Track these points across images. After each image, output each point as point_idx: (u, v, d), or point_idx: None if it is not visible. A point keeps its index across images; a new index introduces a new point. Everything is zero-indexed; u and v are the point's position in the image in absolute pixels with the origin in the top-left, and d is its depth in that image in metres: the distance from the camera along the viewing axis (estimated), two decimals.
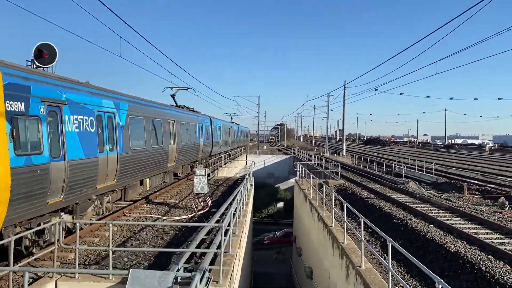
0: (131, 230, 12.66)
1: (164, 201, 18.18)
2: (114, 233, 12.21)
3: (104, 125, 11.96)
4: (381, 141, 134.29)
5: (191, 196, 19.04)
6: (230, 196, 15.18)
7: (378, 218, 17.05)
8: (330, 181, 27.93)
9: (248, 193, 20.48)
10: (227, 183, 25.83)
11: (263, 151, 68.87)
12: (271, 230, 42.94)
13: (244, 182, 17.93)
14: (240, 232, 12.43)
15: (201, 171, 16.45)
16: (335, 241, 12.83)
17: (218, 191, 22.11)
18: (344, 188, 25.42)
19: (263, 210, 46.65)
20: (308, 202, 20.77)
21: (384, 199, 20.92)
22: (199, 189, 16.26)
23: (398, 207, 18.53)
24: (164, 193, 20.27)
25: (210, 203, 16.82)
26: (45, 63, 12.27)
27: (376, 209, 18.57)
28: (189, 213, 15.69)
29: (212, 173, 29.17)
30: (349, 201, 20.46)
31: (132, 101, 14.80)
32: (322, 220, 15.66)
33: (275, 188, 53.99)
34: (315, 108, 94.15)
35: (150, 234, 12.37)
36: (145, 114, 15.81)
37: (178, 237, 12.16)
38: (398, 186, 25.75)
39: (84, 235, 11.69)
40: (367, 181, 29.75)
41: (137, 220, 14.35)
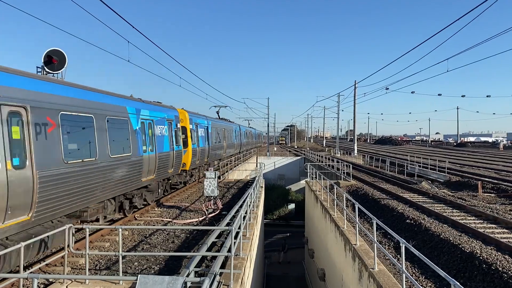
0: (142, 234, 12.65)
1: (175, 204, 18.18)
2: (125, 237, 12.20)
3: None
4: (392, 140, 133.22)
5: (202, 199, 19.01)
6: (241, 199, 15.11)
7: (391, 219, 16.83)
8: (341, 182, 27.71)
9: (259, 195, 20.38)
10: (237, 185, 25.77)
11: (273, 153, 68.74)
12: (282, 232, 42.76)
13: (254, 184, 17.85)
14: (251, 234, 12.34)
15: (211, 173, 16.40)
16: (347, 242, 12.68)
17: (229, 194, 22.05)
18: (355, 189, 25.19)
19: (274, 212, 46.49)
20: (319, 204, 20.61)
21: (397, 199, 20.68)
22: (209, 192, 16.21)
23: (411, 207, 18.30)
24: (175, 196, 20.28)
25: (220, 206, 16.76)
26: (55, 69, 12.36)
27: (388, 209, 18.35)
28: (200, 216, 15.65)
29: (222, 176, 29.14)
30: (361, 202, 20.26)
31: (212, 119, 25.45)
32: (334, 222, 15.51)
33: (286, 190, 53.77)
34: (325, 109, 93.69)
35: (161, 237, 12.34)
36: (215, 126, 27.64)
37: (188, 240, 12.12)
38: (410, 185, 25.45)
39: (95, 240, 11.70)
40: (379, 181, 29.46)
41: (148, 224, 14.35)
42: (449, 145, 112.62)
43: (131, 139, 13.34)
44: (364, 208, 12.76)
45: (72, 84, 10.70)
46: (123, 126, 12.97)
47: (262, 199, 22.30)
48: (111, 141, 11.91)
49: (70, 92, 10.22)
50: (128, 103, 13.76)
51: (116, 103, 12.84)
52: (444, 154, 65.52)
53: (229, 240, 8.54)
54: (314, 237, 23.96)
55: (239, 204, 14.13)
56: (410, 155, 50.10)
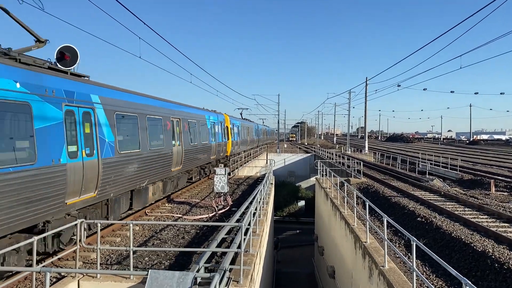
0: (153, 230, 12.76)
1: (186, 200, 18.29)
2: (136, 233, 12.31)
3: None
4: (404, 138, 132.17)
5: (212, 195, 19.10)
6: (251, 195, 15.14)
7: (402, 217, 16.74)
8: (352, 179, 27.60)
9: (269, 192, 20.41)
10: (247, 182, 25.82)
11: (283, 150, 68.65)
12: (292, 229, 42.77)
13: (264, 181, 17.87)
14: (261, 231, 12.37)
15: (221, 170, 16.46)
16: (358, 240, 12.64)
17: (239, 190, 22.11)
18: (366, 187, 25.07)
19: (284, 209, 46.51)
20: (329, 201, 20.57)
21: (408, 197, 20.56)
22: (219, 188, 16.28)
23: (422, 205, 18.18)
24: (185, 192, 20.39)
25: (230, 202, 16.82)
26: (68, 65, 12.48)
27: (399, 207, 18.25)
28: (210, 212, 15.73)
29: (232, 172, 29.22)
30: (372, 200, 20.17)
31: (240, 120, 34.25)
32: (344, 219, 15.47)
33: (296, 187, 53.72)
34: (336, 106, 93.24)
35: (171, 233, 12.43)
36: (242, 125, 36.18)
37: (199, 236, 12.19)
38: (422, 183, 25.27)
39: (106, 235, 11.83)
40: (390, 179, 29.29)
41: (158, 219, 14.46)
42: (462, 143, 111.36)
43: (208, 133, 23.30)
44: (375, 205, 12.70)
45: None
46: (206, 126, 23.03)
47: (272, 196, 22.31)
48: (196, 134, 20.67)
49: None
50: (205, 112, 24.04)
51: (200, 113, 22.51)
52: (456, 152, 64.83)
53: (239, 236, 8.56)
54: (324, 234, 23.93)
55: (249, 200, 14.16)
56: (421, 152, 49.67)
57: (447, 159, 36.36)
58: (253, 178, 28.05)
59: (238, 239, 8.60)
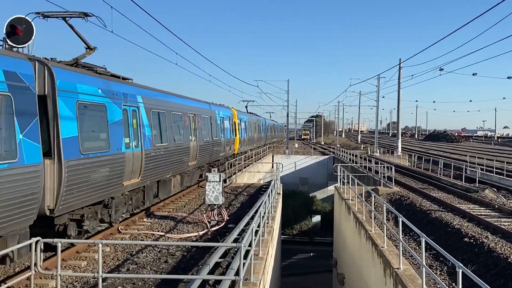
0: (128, 251, 12.78)
1: (169, 214, 18.31)
2: (106, 255, 12.34)
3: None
4: (447, 136, 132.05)
5: (203, 208, 19.10)
6: (252, 208, 15.15)
7: (444, 237, 16.74)
8: (380, 188, 27.57)
9: (275, 204, 20.38)
10: (248, 191, 25.85)
11: (294, 151, 68.72)
12: (304, 251, 42.76)
13: (269, 190, 17.87)
14: (265, 254, 12.37)
15: (215, 176, 16.47)
16: (388, 266, 12.64)
17: (237, 202, 22.14)
18: (399, 198, 25.04)
19: (294, 226, 46.50)
20: (352, 216, 20.56)
21: (452, 211, 20.55)
22: (212, 199, 16.29)
23: (470, 222, 18.16)
24: (169, 203, 20.44)
25: (226, 217, 16.83)
26: (20, 42, 12.48)
27: (441, 224, 18.24)
28: (200, 229, 15.74)
29: (229, 179, 29.25)
30: (406, 215, 20.16)
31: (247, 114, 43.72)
32: (371, 239, 15.47)
33: (310, 198, 53.73)
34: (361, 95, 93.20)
35: (151, 256, 12.45)
36: (249, 120, 42.48)
37: (186, 259, 12.21)
38: (470, 194, 25.22)
39: (68, 258, 11.86)
40: (430, 188, 29.25)
41: (134, 238, 14.48)
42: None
43: (218, 129, 28.15)
44: (410, 222, 12.69)
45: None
46: (216, 121, 27.87)
47: (279, 209, 22.31)
48: (208, 130, 25.62)
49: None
50: (215, 107, 29.38)
51: (211, 108, 27.58)
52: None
53: (237, 260, 8.57)
54: (345, 258, 23.90)
55: (249, 215, 14.16)
56: (470, 155, 49.61)
57: (503, 163, 36.32)
58: (255, 186, 28.07)
59: (236, 263, 8.61)
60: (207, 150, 25.32)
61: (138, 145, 15.00)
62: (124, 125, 14.06)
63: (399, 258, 12.25)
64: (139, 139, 15.09)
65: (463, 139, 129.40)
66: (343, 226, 24.63)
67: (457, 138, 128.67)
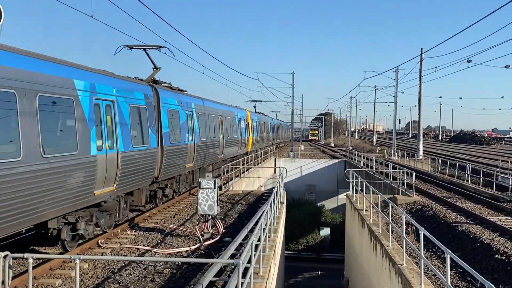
0: (109, 268, 12.78)
1: (156, 226, 18.31)
2: (84, 273, 12.34)
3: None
4: (476, 137, 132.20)
5: (195, 219, 19.10)
6: (252, 220, 15.12)
7: (472, 253, 16.75)
8: (399, 197, 27.59)
9: (278, 214, 20.38)
10: (246, 199, 25.87)
11: (299, 153, 68.79)
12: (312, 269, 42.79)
13: (271, 199, 17.88)
14: (266, 272, 12.39)
15: (209, 182, 16.46)
16: (407, 287, 12.65)
17: (234, 212, 22.16)
18: (420, 208, 25.05)
19: (300, 240, 46.56)
20: (366, 229, 20.58)
21: (481, 223, 20.57)
22: (206, 209, 16.27)
23: (502, 236, 18.18)
24: (156, 214, 20.44)
25: (222, 229, 16.83)
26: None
27: (468, 239, 18.25)
28: (192, 243, 15.74)
29: (225, 186, 29.27)
30: (428, 228, 20.18)
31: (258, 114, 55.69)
32: (388, 256, 15.48)
33: (318, 208, 53.83)
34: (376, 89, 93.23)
35: (136, 273, 12.45)
36: (260, 120, 53.76)
37: (175, 278, 12.21)
38: (502, 204, 25.25)
39: (40, 275, 11.86)
40: (456, 197, 29.26)
41: (116, 253, 14.48)
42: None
43: (237, 128, 37.15)
44: (433, 236, 12.71)
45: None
46: (235, 121, 36.74)
47: (282, 220, 22.33)
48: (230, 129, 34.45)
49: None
50: (235, 109, 38.89)
51: (231, 109, 37.09)
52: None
53: (234, 279, 8.59)
54: (358, 277, 23.92)
55: (248, 227, 14.15)
56: (501, 159, 49.66)
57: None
58: (255, 194, 28.09)
59: (234, 283, 8.63)
60: (231, 147, 34.36)
61: (192, 139, 23.36)
62: (188, 124, 23.09)
63: (421, 277, 12.26)
64: (193, 135, 23.44)
65: (494, 141, 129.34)
66: (356, 241, 24.63)
67: (487, 139, 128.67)
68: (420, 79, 54.08)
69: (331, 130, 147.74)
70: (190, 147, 22.96)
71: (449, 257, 10.33)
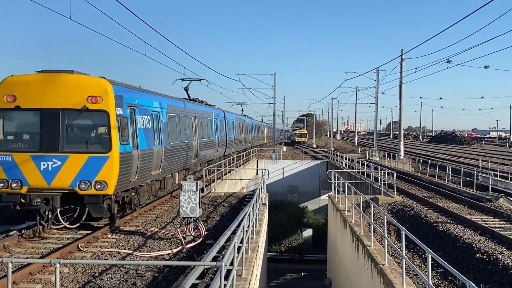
0: (89, 272, 12.69)
1: (137, 229, 18.21)
2: (64, 277, 12.24)
3: None
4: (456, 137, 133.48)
5: (177, 222, 19.03)
6: (234, 221, 15.11)
7: (453, 252, 16.87)
8: (381, 197, 27.73)
9: (261, 216, 20.37)
10: (229, 201, 25.84)
11: (281, 155, 68.89)
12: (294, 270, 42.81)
13: (253, 200, 17.88)
14: (249, 273, 12.39)
15: (191, 184, 16.42)
16: (390, 287, 12.71)
17: (216, 214, 22.12)
18: (401, 208, 25.20)
19: (282, 242, 46.54)
20: (348, 230, 20.65)
21: (462, 223, 20.74)
22: (187, 212, 16.23)
23: (483, 235, 18.34)
24: (137, 217, 20.32)
25: (204, 232, 16.80)
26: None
27: (449, 238, 18.39)
28: (174, 246, 15.69)
29: (207, 188, 29.21)
30: (410, 228, 20.29)
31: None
32: (370, 256, 15.55)
33: (300, 209, 53.86)
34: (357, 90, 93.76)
35: (117, 277, 12.38)
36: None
37: (157, 281, 12.16)
38: (482, 204, 25.47)
39: (20, 280, 11.74)
40: (436, 197, 29.49)
41: (97, 257, 14.38)
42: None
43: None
44: (414, 236, 12.79)
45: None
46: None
47: (265, 222, 22.35)
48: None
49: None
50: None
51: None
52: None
53: (217, 281, 8.57)
54: (341, 278, 24.00)
55: (231, 229, 14.13)
56: (482, 159, 50.16)
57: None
58: (238, 196, 28.07)
59: (216, 285, 8.61)
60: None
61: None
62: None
63: (402, 277, 12.33)
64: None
65: (474, 141, 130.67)
66: (338, 241, 24.70)
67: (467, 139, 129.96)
68: (401, 79, 54.46)
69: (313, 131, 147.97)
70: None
71: (430, 257, 10.40)
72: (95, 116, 16.35)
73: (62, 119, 15.98)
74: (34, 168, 15.69)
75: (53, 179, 15.67)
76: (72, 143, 16.31)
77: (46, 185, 15.71)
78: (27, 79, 16.35)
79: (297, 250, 46.27)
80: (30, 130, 16.74)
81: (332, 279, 27.40)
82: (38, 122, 16.09)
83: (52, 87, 16.03)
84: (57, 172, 15.70)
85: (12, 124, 16.92)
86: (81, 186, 15.77)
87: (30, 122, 16.68)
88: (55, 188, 15.71)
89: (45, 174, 15.67)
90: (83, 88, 16.08)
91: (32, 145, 16.19)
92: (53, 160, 15.73)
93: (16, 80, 16.32)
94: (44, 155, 15.77)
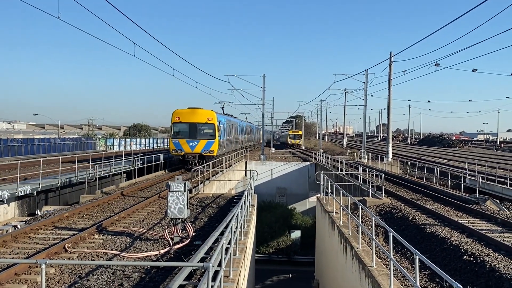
0: (76, 273, 12.61)
1: (125, 230, 18.13)
2: (50, 278, 12.16)
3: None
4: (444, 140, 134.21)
5: (164, 223, 18.97)
6: (222, 223, 15.11)
7: (441, 254, 16.93)
8: (369, 199, 27.80)
9: (249, 217, 20.36)
10: (217, 202, 25.80)
11: (270, 156, 68.95)
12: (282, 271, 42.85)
13: (242, 202, 17.87)
14: (237, 275, 12.36)
15: (179, 185, 16.37)
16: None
17: (204, 215, 22.08)
18: (389, 210, 25.27)
19: (270, 243, 46.61)
20: (336, 231, 20.68)
21: (450, 225, 20.83)
22: (175, 212, 16.17)
23: (470, 237, 18.43)
24: (124, 217, 20.24)
25: (192, 233, 16.76)
26: None
27: (437, 240, 18.45)
28: (161, 247, 15.64)
29: (195, 189, 29.15)
30: (398, 229, 20.35)
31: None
32: (358, 258, 15.57)
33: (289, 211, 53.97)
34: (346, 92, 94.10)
35: (104, 278, 12.31)
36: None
37: (144, 282, 12.11)
38: (470, 206, 25.60)
39: (5, 280, 11.64)
40: (424, 199, 29.61)
41: (84, 258, 14.30)
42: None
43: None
44: (402, 237, 12.83)
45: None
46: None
47: (253, 223, 22.33)
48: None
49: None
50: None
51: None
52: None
53: (204, 282, 8.54)
54: (328, 280, 24.03)
55: (219, 230, 14.12)
56: (469, 162, 50.47)
57: (506, 171, 37.01)
58: (226, 197, 28.04)
59: (204, 286, 8.58)
60: None
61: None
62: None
63: (390, 279, 12.36)
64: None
65: (462, 144, 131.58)
66: (326, 243, 24.73)
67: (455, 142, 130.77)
68: (389, 82, 54.78)
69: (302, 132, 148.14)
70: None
71: (418, 258, 10.43)
72: (210, 125, 39.93)
73: (198, 126, 39.61)
74: (186, 145, 39.01)
75: (194, 149, 38.95)
76: (201, 135, 39.61)
77: (191, 151, 39.00)
78: (183, 110, 40.47)
79: (285, 251, 46.34)
80: (184, 130, 39.81)
81: (320, 280, 27.43)
82: (188, 127, 39.71)
83: (193, 113, 39.98)
84: (195, 147, 39.02)
85: (177, 128, 40.01)
86: (204, 152, 39.18)
87: (185, 127, 39.84)
88: (195, 153, 38.99)
89: (191, 147, 38.91)
90: (205, 114, 40.34)
91: (186, 136, 39.44)
92: (194, 142, 39.10)
93: (179, 111, 40.18)
94: (190, 140, 39.12)
